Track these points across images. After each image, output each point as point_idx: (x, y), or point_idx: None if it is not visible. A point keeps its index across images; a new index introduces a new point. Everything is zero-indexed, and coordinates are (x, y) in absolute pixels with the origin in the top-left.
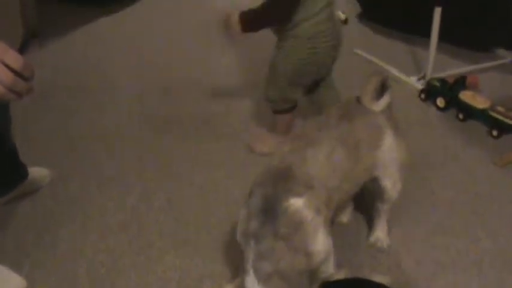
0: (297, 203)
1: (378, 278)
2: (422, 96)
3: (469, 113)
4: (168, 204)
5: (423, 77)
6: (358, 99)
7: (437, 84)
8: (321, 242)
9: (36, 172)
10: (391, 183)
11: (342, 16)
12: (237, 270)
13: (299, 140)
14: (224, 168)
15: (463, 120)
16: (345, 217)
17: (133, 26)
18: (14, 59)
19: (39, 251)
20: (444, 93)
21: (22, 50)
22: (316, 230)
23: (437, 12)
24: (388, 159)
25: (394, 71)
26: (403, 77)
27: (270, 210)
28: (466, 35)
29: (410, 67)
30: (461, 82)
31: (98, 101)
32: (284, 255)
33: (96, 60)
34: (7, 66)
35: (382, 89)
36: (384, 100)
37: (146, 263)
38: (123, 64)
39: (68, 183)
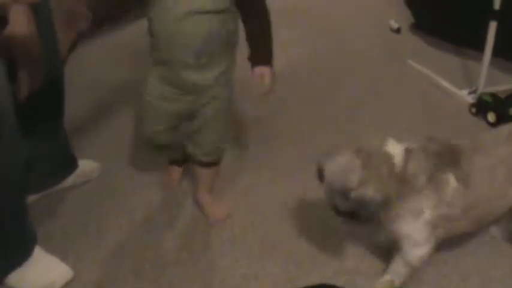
0: None
1: None
2: (473, 110)
3: None
4: None
5: (475, 91)
6: None
7: (489, 99)
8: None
9: (87, 165)
10: None
11: (395, 25)
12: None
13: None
14: (270, 171)
15: None
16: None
17: None
18: None
19: (85, 242)
20: (495, 108)
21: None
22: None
23: (492, 26)
24: None
25: (446, 84)
26: (454, 89)
27: None
28: None
29: (462, 80)
30: None
31: None
32: None
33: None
34: None
35: None
36: None
37: (190, 260)
38: None
39: (117, 178)
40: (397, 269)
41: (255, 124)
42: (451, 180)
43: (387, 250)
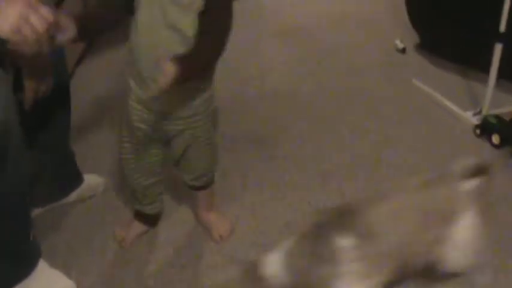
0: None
1: None
2: (478, 131)
3: None
4: None
5: (479, 113)
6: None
7: (494, 120)
8: None
9: (92, 179)
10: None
11: (400, 45)
12: None
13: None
14: (273, 189)
15: None
16: None
17: None
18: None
19: (88, 256)
20: (500, 130)
21: (81, 57)
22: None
23: (498, 48)
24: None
25: (450, 104)
26: (458, 111)
27: None
28: None
29: (466, 101)
30: None
31: None
32: None
33: None
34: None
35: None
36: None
37: (193, 277)
38: None
39: (121, 193)
40: None
41: (258, 143)
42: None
43: None
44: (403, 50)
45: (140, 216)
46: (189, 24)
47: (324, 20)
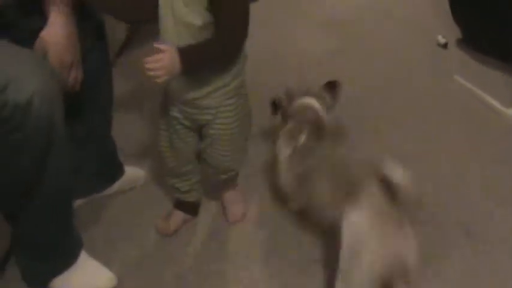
0: None
1: None
2: None
3: None
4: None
5: None
6: None
7: None
8: None
9: (132, 172)
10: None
11: (442, 40)
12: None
13: None
14: None
15: None
16: None
17: None
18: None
19: (128, 249)
20: None
21: (123, 48)
22: None
23: None
24: None
25: (493, 101)
26: (501, 107)
27: None
28: None
29: (508, 97)
30: None
31: None
32: None
33: None
34: None
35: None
36: None
37: (233, 271)
38: None
39: (161, 187)
40: None
41: None
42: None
43: None
44: (445, 45)
45: (180, 204)
46: (195, 17)
47: (365, 13)
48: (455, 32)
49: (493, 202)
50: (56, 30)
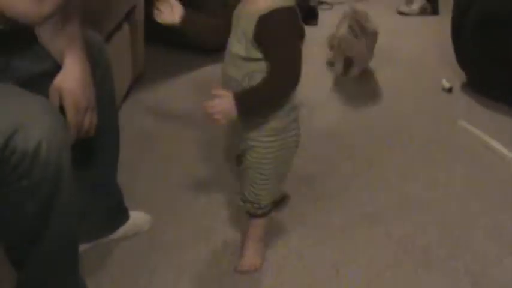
0: None
1: None
2: None
3: None
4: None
5: None
6: None
7: None
8: None
9: (138, 217)
10: None
11: (447, 84)
12: None
13: None
14: (318, 231)
15: None
16: None
17: None
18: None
19: None
20: None
21: (128, 93)
22: None
23: None
24: None
25: (499, 146)
26: (507, 153)
27: None
28: None
29: None
30: None
31: (195, 151)
32: None
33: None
34: None
35: None
36: None
37: None
38: None
39: (166, 231)
40: None
41: (302, 183)
42: None
43: None
44: (450, 90)
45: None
46: (240, 48)
47: (373, 59)
48: (460, 76)
49: (501, 249)
50: (73, 76)
